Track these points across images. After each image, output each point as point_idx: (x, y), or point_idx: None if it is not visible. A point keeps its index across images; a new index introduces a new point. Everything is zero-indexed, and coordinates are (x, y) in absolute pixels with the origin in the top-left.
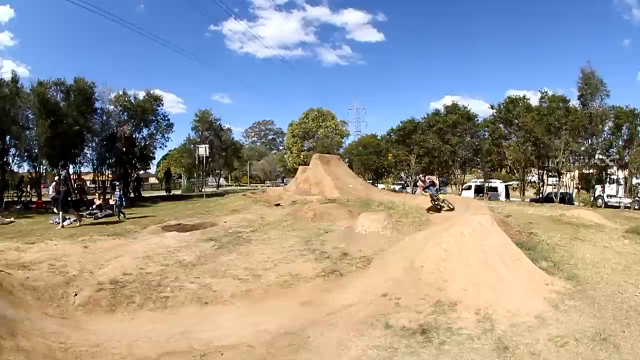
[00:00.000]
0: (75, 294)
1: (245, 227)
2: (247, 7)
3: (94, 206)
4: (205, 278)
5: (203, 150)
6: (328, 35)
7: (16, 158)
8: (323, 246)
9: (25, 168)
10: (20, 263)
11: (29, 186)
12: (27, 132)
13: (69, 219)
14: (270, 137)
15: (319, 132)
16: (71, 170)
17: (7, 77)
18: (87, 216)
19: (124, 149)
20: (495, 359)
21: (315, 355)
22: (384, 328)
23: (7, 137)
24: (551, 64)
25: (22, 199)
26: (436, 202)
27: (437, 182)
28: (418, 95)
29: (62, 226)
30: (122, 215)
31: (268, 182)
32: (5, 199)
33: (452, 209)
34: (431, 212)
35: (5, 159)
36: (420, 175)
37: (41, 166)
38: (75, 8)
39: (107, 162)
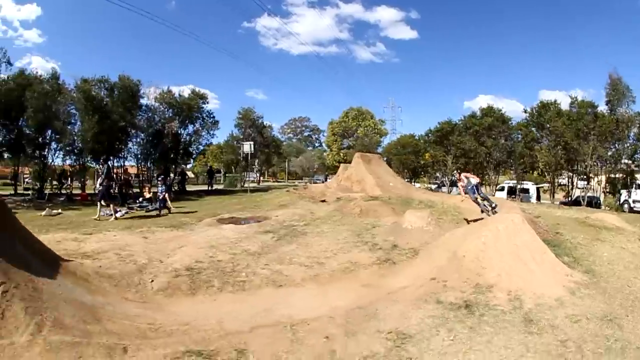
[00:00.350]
0: (152, 280)
1: (297, 220)
2: (281, 4)
3: (141, 199)
4: (274, 265)
5: (248, 147)
6: (362, 33)
7: (58, 152)
8: (374, 239)
9: (66, 161)
10: (83, 253)
11: (69, 179)
12: (69, 127)
13: (119, 211)
14: (306, 133)
15: (358, 131)
16: (115, 164)
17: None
18: (138, 209)
19: (170, 145)
20: (523, 328)
21: (385, 323)
22: (435, 303)
23: (49, 132)
24: (584, 63)
25: (63, 191)
26: (483, 207)
27: (475, 180)
28: (452, 94)
29: (116, 218)
30: (166, 210)
31: (306, 178)
32: (47, 192)
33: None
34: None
35: (45, 153)
36: (456, 172)
37: (85, 160)
38: (102, 4)
39: (152, 157)
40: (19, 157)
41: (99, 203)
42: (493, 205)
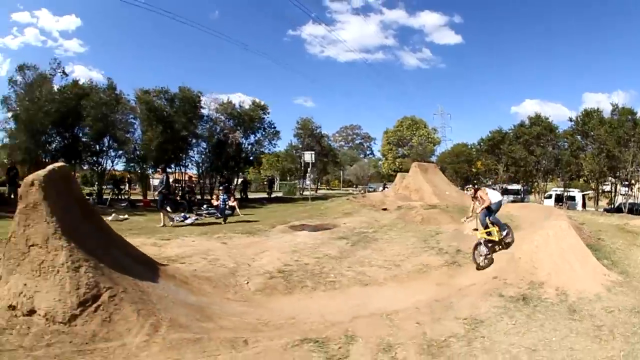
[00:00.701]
0: (247, 282)
1: (366, 227)
2: (325, 12)
3: (205, 206)
4: (356, 267)
5: (309, 156)
6: (407, 38)
7: (116, 159)
8: (439, 244)
9: (123, 168)
10: (166, 257)
11: (127, 184)
12: (128, 135)
13: (189, 217)
14: (357, 141)
15: (413, 140)
16: (178, 172)
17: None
18: (206, 215)
19: (233, 154)
20: (567, 316)
21: (460, 312)
22: (498, 297)
23: (106, 139)
24: (625, 63)
25: (121, 196)
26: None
27: (497, 197)
28: (498, 99)
29: (172, 225)
30: (226, 218)
31: (360, 186)
32: (106, 197)
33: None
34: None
35: (103, 159)
36: (471, 186)
37: (146, 167)
38: (143, 13)
39: (215, 165)
40: (74, 163)
41: (162, 211)
42: (505, 232)
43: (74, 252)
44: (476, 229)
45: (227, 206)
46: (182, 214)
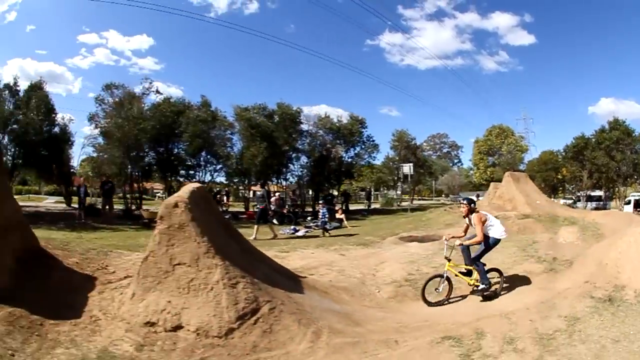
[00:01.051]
0: (379, 290)
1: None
2: (400, 19)
3: (310, 219)
4: None
5: (408, 169)
6: (483, 41)
7: (215, 173)
8: (537, 252)
9: (223, 181)
10: (292, 268)
11: (226, 197)
12: (227, 150)
13: (299, 229)
14: (445, 150)
15: (502, 149)
16: (275, 186)
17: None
18: (315, 228)
19: (335, 168)
20: None
21: (561, 311)
22: (590, 298)
23: (202, 154)
24: None
25: (221, 208)
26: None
27: (500, 229)
28: (575, 99)
29: (304, 235)
30: (327, 232)
31: (452, 196)
32: None
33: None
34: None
35: (200, 173)
36: (464, 202)
37: (249, 181)
38: (216, 29)
39: (316, 179)
40: (168, 176)
41: (269, 224)
42: (482, 286)
43: (230, 269)
44: (449, 258)
45: (327, 218)
46: (292, 227)
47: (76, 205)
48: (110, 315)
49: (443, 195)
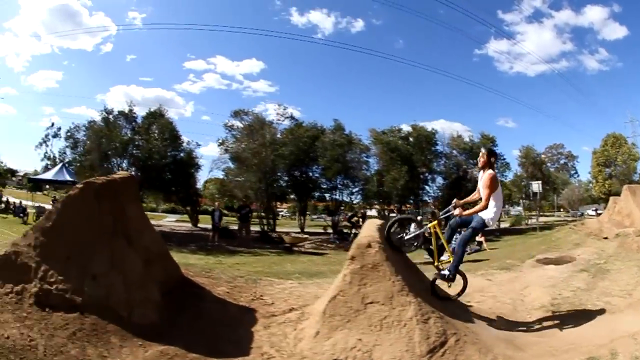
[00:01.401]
0: (529, 316)
1: (597, 259)
2: (502, 25)
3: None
4: (602, 298)
5: (537, 186)
6: (582, 39)
7: (351, 195)
8: None
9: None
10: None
11: (361, 219)
12: (367, 173)
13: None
14: (562, 161)
15: (617, 159)
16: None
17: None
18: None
19: (471, 189)
20: None
21: None
22: None
23: (339, 177)
24: None
25: (354, 230)
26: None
27: (495, 210)
28: None
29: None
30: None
31: (572, 210)
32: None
33: None
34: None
35: (336, 194)
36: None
37: (391, 203)
38: (326, 49)
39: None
40: (303, 198)
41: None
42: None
43: (422, 305)
44: (440, 221)
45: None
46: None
47: (203, 226)
48: (285, 352)
49: (561, 210)
